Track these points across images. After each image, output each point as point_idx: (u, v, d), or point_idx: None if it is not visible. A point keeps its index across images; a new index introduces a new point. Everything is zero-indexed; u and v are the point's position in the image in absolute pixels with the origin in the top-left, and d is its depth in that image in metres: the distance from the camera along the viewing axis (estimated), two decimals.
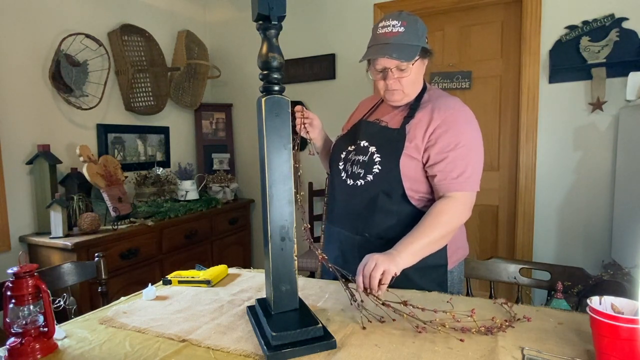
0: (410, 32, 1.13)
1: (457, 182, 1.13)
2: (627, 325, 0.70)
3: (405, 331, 0.92)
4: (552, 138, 2.41)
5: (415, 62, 1.16)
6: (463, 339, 0.87)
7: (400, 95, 1.21)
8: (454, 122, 1.15)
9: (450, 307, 0.99)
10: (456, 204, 1.13)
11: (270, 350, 0.82)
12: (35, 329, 0.87)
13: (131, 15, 2.71)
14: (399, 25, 1.13)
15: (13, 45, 2.07)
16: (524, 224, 2.51)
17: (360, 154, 1.22)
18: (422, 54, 1.18)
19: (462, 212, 1.14)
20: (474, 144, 1.17)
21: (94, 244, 2.01)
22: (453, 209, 1.12)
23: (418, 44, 1.14)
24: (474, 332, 0.90)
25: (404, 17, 1.15)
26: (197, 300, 1.15)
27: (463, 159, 1.13)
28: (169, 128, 3.04)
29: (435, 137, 1.15)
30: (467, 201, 1.15)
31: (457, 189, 1.13)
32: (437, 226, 1.10)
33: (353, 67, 2.88)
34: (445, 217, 1.11)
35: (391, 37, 1.13)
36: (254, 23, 0.92)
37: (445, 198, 1.14)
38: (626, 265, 1.92)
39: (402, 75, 1.16)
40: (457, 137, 1.14)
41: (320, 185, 2.96)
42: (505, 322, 0.93)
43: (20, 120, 2.10)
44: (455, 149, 1.13)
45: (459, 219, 1.14)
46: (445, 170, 1.13)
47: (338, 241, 1.29)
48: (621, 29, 2.17)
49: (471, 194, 1.16)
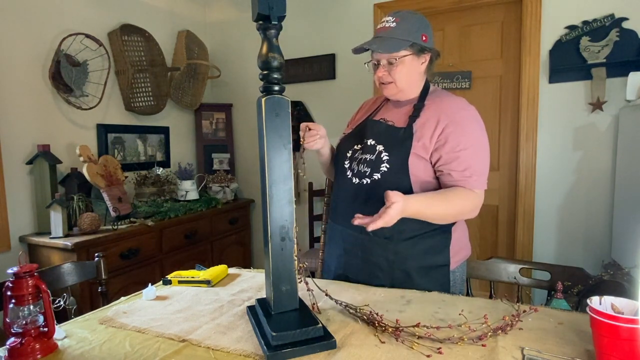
0: (402, 27, 1.17)
1: (471, 180, 1.15)
2: (627, 325, 0.70)
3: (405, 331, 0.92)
4: (552, 138, 2.41)
5: (405, 57, 1.18)
6: (485, 344, 0.85)
7: (393, 89, 1.23)
8: (462, 122, 1.16)
9: (464, 319, 0.94)
10: (473, 197, 1.15)
11: (270, 350, 0.82)
12: (35, 329, 0.87)
13: (131, 15, 2.71)
14: (392, 21, 1.18)
15: (13, 45, 2.07)
16: (524, 224, 2.51)
17: (368, 153, 1.22)
18: (415, 49, 1.19)
19: (473, 205, 1.16)
20: (482, 144, 1.19)
21: (94, 244, 2.01)
22: (469, 199, 1.15)
23: (407, 39, 1.17)
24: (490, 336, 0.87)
25: (401, 14, 1.19)
26: (197, 300, 1.15)
27: (474, 158, 1.15)
28: (169, 128, 3.04)
29: (445, 136, 1.16)
30: (479, 199, 1.17)
31: (472, 187, 1.15)
32: (452, 206, 1.12)
33: (353, 67, 2.88)
34: (461, 203, 1.13)
35: (381, 32, 1.19)
36: (254, 23, 0.92)
37: (467, 188, 1.15)
38: (626, 265, 1.92)
39: (391, 68, 1.20)
40: (468, 137, 1.16)
41: (320, 185, 2.96)
42: (514, 317, 0.92)
43: (20, 120, 2.10)
44: (467, 149, 1.15)
45: (469, 212, 1.16)
46: (459, 169, 1.15)
47: (341, 240, 1.29)
48: (621, 29, 2.17)
49: (482, 193, 1.18)
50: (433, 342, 0.85)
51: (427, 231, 1.19)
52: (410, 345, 0.85)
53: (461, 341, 0.85)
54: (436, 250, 1.21)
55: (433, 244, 1.20)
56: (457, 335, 0.87)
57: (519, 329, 0.92)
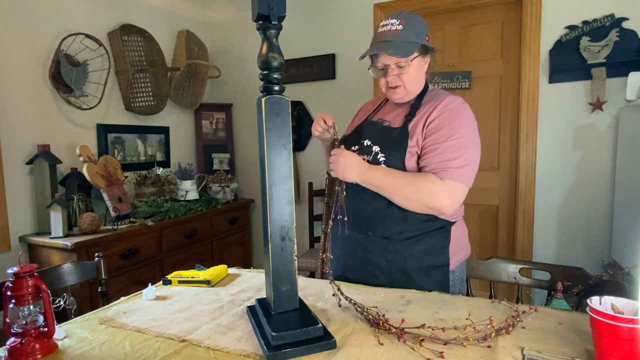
0: (409, 29, 1.16)
1: (444, 170, 1.12)
2: (627, 325, 0.70)
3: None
4: (552, 138, 2.41)
5: (414, 59, 1.18)
6: (490, 345, 0.84)
7: (402, 92, 1.23)
8: (450, 116, 1.16)
9: (466, 320, 0.94)
10: (441, 185, 1.11)
11: (270, 350, 0.82)
12: (35, 329, 0.87)
13: (131, 15, 2.71)
14: (398, 24, 1.17)
15: (13, 46, 2.07)
16: (524, 224, 2.51)
17: (364, 154, 1.23)
18: (422, 51, 1.20)
19: (441, 195, 1.11)
20: (468, 139, 1.16)
21: (94, 244, 2.01)
22: (435, 185, 1.11)
23: (416, 41, 1.17)
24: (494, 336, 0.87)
25: (403, 15, 1.18)
26: (197, 300, 1.15)
27: (455, 151, 1.13)
28: (169, 128, 3.04)
29: (431, 128, 1.16)
30: (453, 191, 1.12)
31: (446, 177, 1.11)
32: (408, 182, 1.12)
33: (353, 67, 2.88)
34: (423, 185, 1.11)
35: (389, 35, 1.17)
36: (254, 23, 0.92)
37: (438, 177, 1.12)
38: (626, 265, 1.92)
39: (401, 72, 1.19)
40: (452, 130, 1.14)
41: (320, 185, 2.96)
42: (514, 318, 0.92)
43: (20, 120, 2.10)
44: (448, 141, 1.13)
45: (436, 198, 1.11)
46: (435, 160, 1.13)
47: (341, 240, 1.29)
48: (621, 29, 2.17)
49: (460, 186, 1.13)
50: (435, 344, 0.85)
51: (426, 231, 1.19)
52: (413, 346, 0.85)
53: (466, 341, 0.85)
54: (435, 250, 1.21)
55: (432, 244, 1.20)
56: (461, 335, 0.87)
57: (522, 327, 0.92)
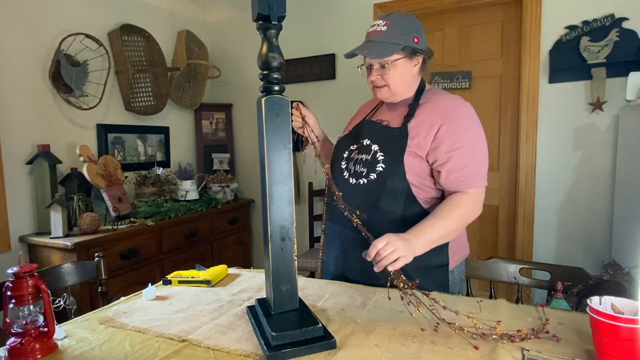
0: (392, 31, 1.16)
1: (468, 179, 1.15)
2: (627, 325, 0.70)
3: (405, 331, 0.92)
4: (552, 138, 2.41)
5: (398, 60, 1.18)
6: (477, 346, 0.84)
7: (387, 92, 1.23)
8: (457, 119, 1.16)
9: (477, 310, 0.95)
10: (470, 199, 1.15)
11: (270, 350, 0.82)
12: (35, 329, 0.87)
13: (131, 15, 2.71)
14: (383, 25, 1.18)
15: (13, 46, 2.07)
16: (524, 224, 2.50)
17: (363, 153, 1.23)
18: (407, 52, 1.18)
19: (474, 207, 1.17)
20: (478, 140, 1.19)
21: (94, 244, 2.01)
22: (468, 204, 1.15)
23: (399, 42, 1.16)
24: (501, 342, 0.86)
25: (391, 17, 1.18)
26: (197, 300, 1.15)
27: (470, 156, 1.15)
28: (169, 128, 3.04)
29: (441, 136, 1.16)
30: (479, 197, 1.17)
31: (469, 186, 1.15)
32: (453, 219, 1.12)
33: (353, 67, 2.84)
34: (461, 211, 1.13)
35: (373, 36, 1.19)
36: (254, 23, 0.92)
37: (460, 193, 1.15)
38: (626, 265, 1.92)
39: (383, 72, 1.20)
40: (463, 135, 1.15)
41: (320, 186, 2.96)
42: (532, 331, 0.88)
43: (20, 120, 2.10)
44: (462, 147, 1.15)
45: (472, 214, 1.17)
46: (455, 169, 1.15)
47: (339, 240, 1.29)
48: (621, 29, 2.17)
49: (482, 190, 1.19)
50: (439, 339, 0.85)
51: None
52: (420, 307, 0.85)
53: (460, 330, 0.88)
54: (435, 250, 1.20)
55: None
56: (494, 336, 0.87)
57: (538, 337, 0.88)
